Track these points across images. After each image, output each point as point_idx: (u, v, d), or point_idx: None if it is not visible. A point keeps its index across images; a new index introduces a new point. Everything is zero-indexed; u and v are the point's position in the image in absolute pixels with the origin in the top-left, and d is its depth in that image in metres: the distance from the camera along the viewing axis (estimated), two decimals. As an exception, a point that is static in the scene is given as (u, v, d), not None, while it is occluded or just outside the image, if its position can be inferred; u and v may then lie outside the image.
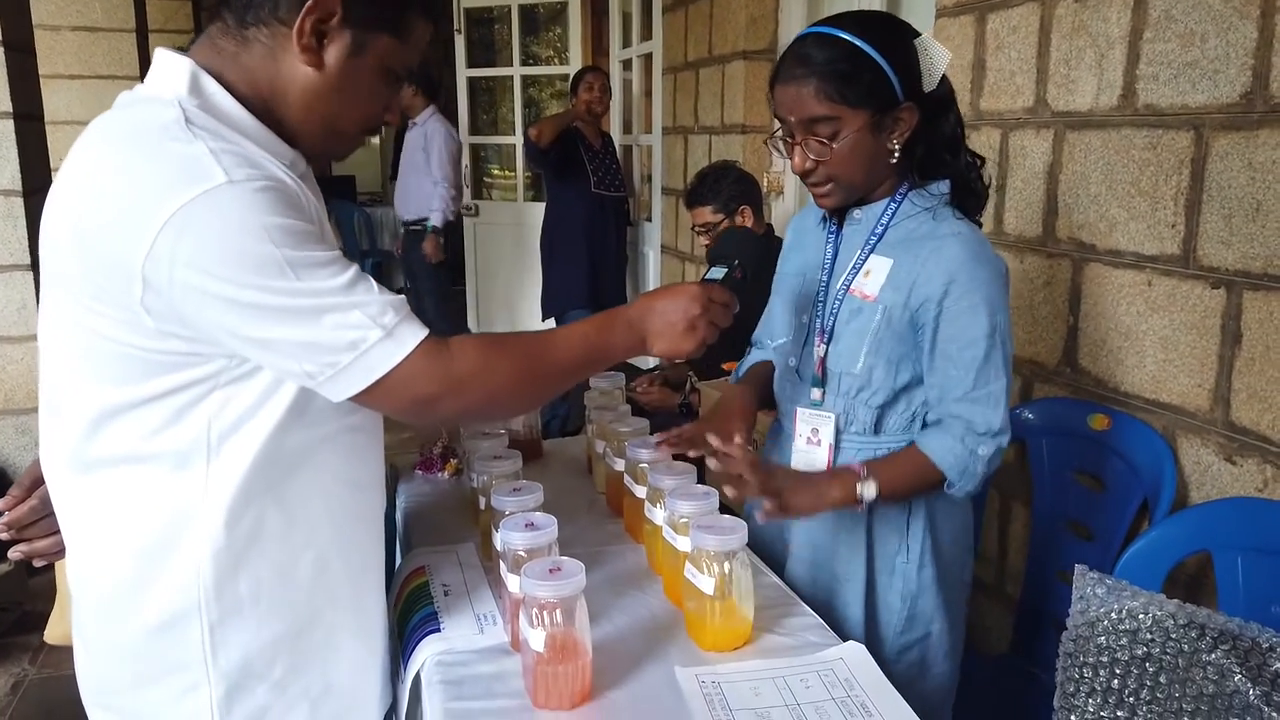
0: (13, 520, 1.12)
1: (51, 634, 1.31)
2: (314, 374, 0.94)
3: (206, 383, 0.96)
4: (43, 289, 1.03)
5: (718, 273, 1.30)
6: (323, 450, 1.04)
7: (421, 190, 4.87)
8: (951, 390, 1.35)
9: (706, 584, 1.18)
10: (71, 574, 1.07)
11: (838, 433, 1.45)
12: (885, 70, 1.31)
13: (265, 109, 1.00)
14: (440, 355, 0.98)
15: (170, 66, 0.99)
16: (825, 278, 1.47)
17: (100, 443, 0.98)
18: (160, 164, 0.90)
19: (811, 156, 1.35)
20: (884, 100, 1.32)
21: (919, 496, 1.41)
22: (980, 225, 1.44)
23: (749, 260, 1.33)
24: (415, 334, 0.96)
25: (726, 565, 1.18)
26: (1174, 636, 0.85)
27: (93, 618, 1.06)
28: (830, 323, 1.44)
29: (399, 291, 1.00)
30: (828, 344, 1.44)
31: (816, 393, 1.45)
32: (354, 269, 0.96)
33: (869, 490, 1.33)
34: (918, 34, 1.35)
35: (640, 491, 1.46)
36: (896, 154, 1.36)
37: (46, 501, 1.10)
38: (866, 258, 1.42)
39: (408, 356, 0.95)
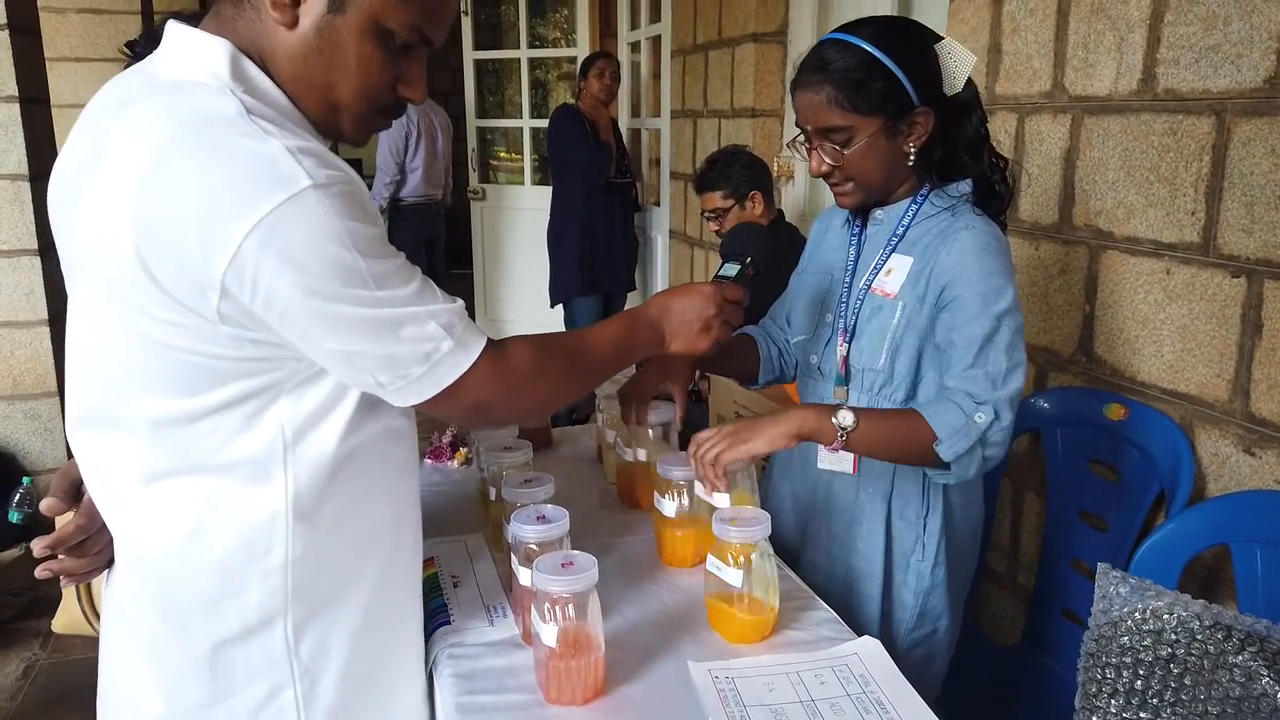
0: (57, 541, 1.05)
1: (59, 623, 1.30)
2: (385, 384, 0.93)
3: (277, 388, 0.93)
4: (79, 296, 0.97)
5: (730, 270, 1.32)
6: (385, 440, 1.03)
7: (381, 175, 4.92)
8: (952, 368, 1.34)
9: (733, 576, 1.17)
10: (129, 592, 1.03)
11: None
12: (899, 77, 1.32)
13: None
14: (499, 361, 0.98)
15: (202, 47, 0.91)
16: (848, 277, 1.48)
17: (172, 454, 0.94)
18: (235, 167, 0.83)
19: (827, 161, 1.38)
20: (898, 107, 1.33)
21: (907, 457, 1.35)
22: (1005, 226, 1.44)
23: (761, 256, 1.34)
24: (479, 341, 0.96)
25: (752, 556, 1.17)
26: (1199, 637, 0.83)
27: (156, 642, 1.01)
28: (852, 321, 1.45)
29: None
30: (850, 342, 1.45)
31: (840, 391, 1.46)
32: (419, 274, 0.94)
33: (845, 418, 1.26)
34: (939, 38, 1.36)
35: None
36: (913, 158, 1.38)
37: (93, 518, 1.05)
38: (888, 257, 1.43)
39: (473, 365, 0.95)
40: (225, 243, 0.82)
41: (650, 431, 1.51)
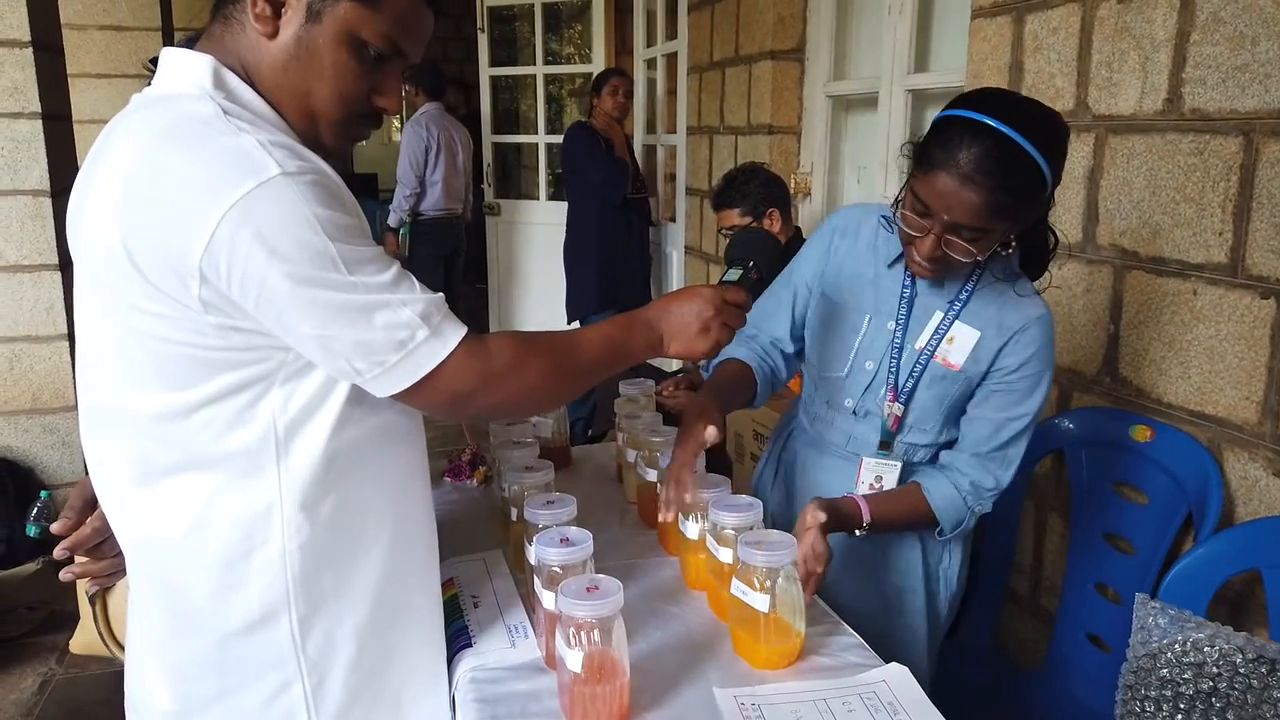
0: (75, 543, 1.10)
1: (77, 644, 1.30)
2: (362, 371, 0.94)
3: (267, 380, 0.95)
4: (82, 299, 1.01)
5: (734, 274, 1.31)
6: (383, 437, 1.04)
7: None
8: (975, 444, 1.42)
9: (759, 601, 1.15)
10: (139, 590, 1.05)
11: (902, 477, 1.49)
12: (1049, 191, 1.28)
13: (257, 93, 0.99)
14: (479, 352, 0.99)
15: (188, 63, 0.97)
16: (899, 332, 1.45)
17: (168, 449, 0.96)
18: (210, 158, 0.88)
19: (950, 253, 1.30)
20: (1037, 215, 1.32)
21: (907, 531, 1.50)
22: None
23: (765, 262, 1.34)
24: (457, 332, 0.97)
25: (778, 580, 1.15)
26: (1242, 671, 0.81)
27: (164, 637, 1.04)
28: (909, 384, 1.44)
29: None
30: (906, 404, 1.45)
31: (885, 445, 1.48)
32: (396, 265, 0.96)
33: (862, 528, 1.40)
34: None
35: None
36: (1013, 248, 1.35)
37: (107, 523, 1.08)
38: (950, 324, 1.41)
39: (451, 354, 0.96)
40: (200, 229, 0.86)
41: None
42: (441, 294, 0.98)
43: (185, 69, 0.97)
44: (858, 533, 1.39)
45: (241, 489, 0.97)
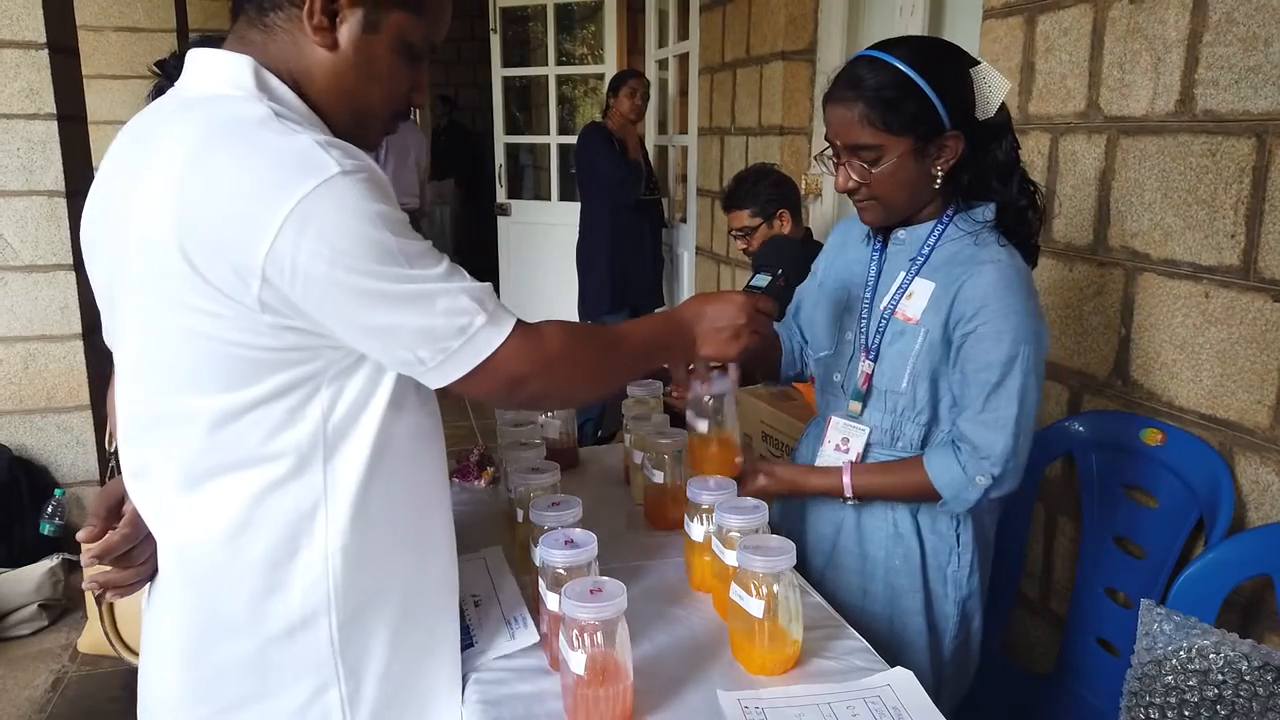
0: (104, 550, 1.08)
1: (84, 643, 1.31)
2: (426, 360, 0.95)
3: (316, 379, 0.96)
4: (125, 308, 0.99)
5: (761, 280, 1.32)
6: (414, 439, 1.05)
7: None
8: (964, 403, 1.39)
9: (755, 606, 1.15)
10: (173, 597, 1.05)
11: (868, 446, 1.48)
12: (932, 99, 1.32)
13: (302, 97, 1.00)
14: (533, 337, 1.01)
15: (225, 64, 0.98)
16: (869, 295, 1.48)
17: (218, 451, 0.96)
18: (270, 158, 0.89)
19: (854, 178, 1.39)
20: (928, 129, 1.33)
21: (918, 500, 1.46)
22: (1037, 249, 1.45)
23: (792, 269, 1.34)
24: (510, 318, 0.99)
25: (775, 586, 1.15)
26: (1248, 679, 0.81)
27: (195, 640, 1.03)
28: (876, 341, 1.45)
29: None
30: (874, 362, 1.45)
31: (855, 405, 1.47)
32: (446, 258, 0.97)
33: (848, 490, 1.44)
34: (976, 62, 1.36)
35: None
36: (939, 180, 1.37)
37: (138, 527, 1.08)
38: (911, 280, 1.43)
39: (507, 338, 0.97)
40: (263, 229, 0.86)
41: (709, 401, 1.44)
42: (489, 283, 1.00)
43: (222, 70, 0.98)
44: (847, 501, 1.44)
45: (289, 489, 0.97)
